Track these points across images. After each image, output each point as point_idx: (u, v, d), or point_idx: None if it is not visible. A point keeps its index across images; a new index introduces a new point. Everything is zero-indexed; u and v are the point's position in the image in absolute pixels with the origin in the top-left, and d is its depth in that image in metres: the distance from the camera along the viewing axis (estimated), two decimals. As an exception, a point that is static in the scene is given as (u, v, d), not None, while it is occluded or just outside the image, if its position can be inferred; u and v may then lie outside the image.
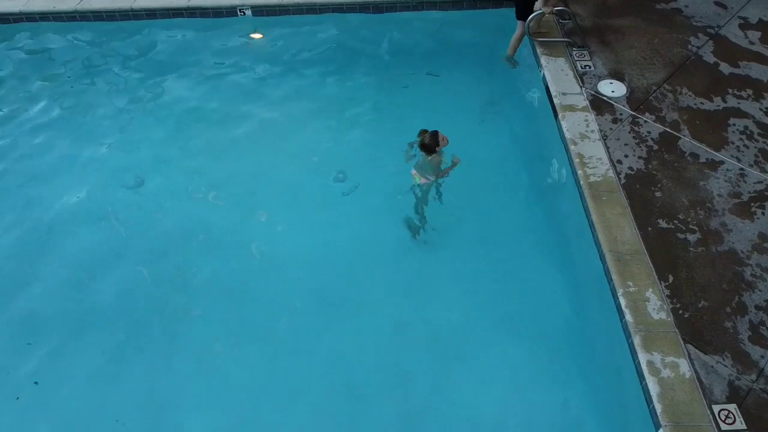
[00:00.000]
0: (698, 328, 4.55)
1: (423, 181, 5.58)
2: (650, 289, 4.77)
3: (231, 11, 7.98)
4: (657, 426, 4.13)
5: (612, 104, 6.30)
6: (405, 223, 5.85)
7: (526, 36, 7.00)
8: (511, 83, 7.32)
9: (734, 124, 6.01)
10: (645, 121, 6.10)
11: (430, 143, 5.25)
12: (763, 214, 5.25)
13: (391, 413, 4.78)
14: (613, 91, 6.42)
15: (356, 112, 7.24)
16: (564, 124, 6.10)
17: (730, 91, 6.36)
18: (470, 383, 4.96)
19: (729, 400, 4.17)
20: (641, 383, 4.40)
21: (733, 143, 5.84)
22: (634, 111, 6.21)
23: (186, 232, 6.02)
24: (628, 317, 4.61)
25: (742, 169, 5.62)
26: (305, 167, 6.61)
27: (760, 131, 5.92)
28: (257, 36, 8.07)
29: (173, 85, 7.56)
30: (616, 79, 6.56)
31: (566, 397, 4.78)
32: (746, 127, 5.97)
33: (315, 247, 5.89)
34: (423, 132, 5.48)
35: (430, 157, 5.35)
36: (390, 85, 7.52)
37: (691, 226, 5.20)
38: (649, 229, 5.19)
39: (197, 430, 4.78)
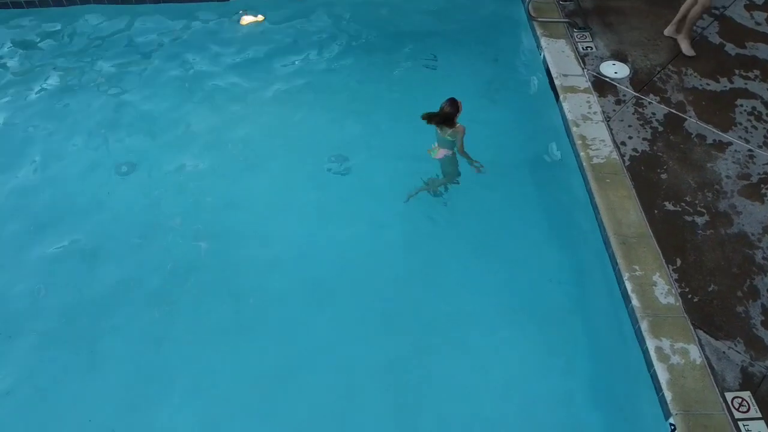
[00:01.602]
0: (708, 313, 4.34)
1: (441, 155, 5.31)
2: (657, 273, 4.56)
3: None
4: (667, 414, 3.92)
5: (615, 85, 6.09)
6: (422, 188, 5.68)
7: (526, 18, 6.79)
8: (510, 66, 7.10)
9: (741, 105, 5.81)
10: (649, 103, 5.89)
11: (451, 110, 4.95)
12: (773, 195, 5.06)
13: (387, 405, 4.55)
14: (615, 73, 6.21)
15: (351, 97, 7.00)
16: (565, 106, 5.89)
17: (736, 71, 6.15)
18: (470, 374, 4.72)
19: (742, 388, 3.96)
20: (650, 371, 4.20)
21: (740, 124, 5.63)
22: (637, 92, 6.00)
23: (179, 221, 5.77)
24: (635, 302, 4.40)
25: (750, 150, 5.41)
26: (300, 154, 6.36)
27: (768, 112, 5.72)
28: (254, 18, 7.80)
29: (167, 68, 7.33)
30: (619, 61, 6.35)
31: (570, 387, 4.55)
32: (754, 108, 5.77)
33: (312, 235, 5.65)
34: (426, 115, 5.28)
35: (450, 131, 5.08)
36: (386, 69, 7.30)
37: (698, 209, 4.99)
38: (655, 211, 4.98)
39: (186, 424, 4.53)
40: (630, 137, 5.58)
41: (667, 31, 6.59)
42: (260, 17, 7.91)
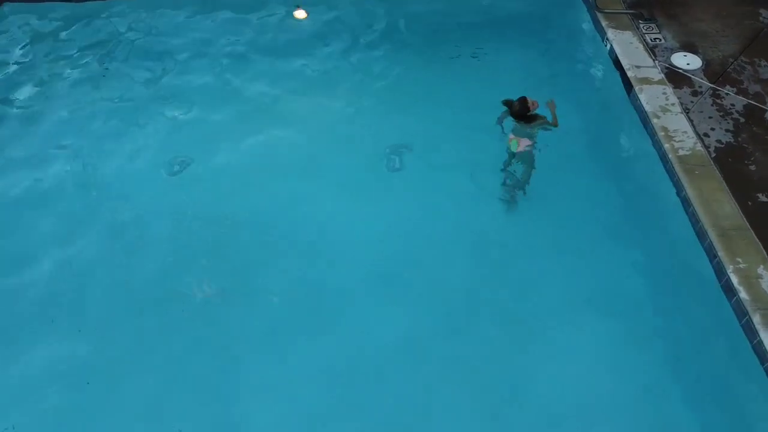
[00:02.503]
0: (818, 306, 4.27)
1: (521, 148, 5.23)
2: (761, 266, 4.48)
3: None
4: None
5: (689, 77, 6.01)
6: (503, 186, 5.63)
7: (585, 9, 6.70)
8: (570, 58, 7.00)
9: (820, 95, 5.75)
10: (726, 94, 5.81)
11: (520, 110, 4.96)
12: None
13: (463, 400, 4.43)
14: (688, 64, 6.13)
15: (396, 90, 6.89)
16: (642, 98, 5.80)
17: (811, 62, 6.10)
18: (550, 367, 4.59)
19: None
20: (763, 365, 4.12)
21: (822, 115, 5.58)
22: (713, 83, 5.92)
23: (237, 219, 5.61)
24: (743, 295, 4.32)
25: (836, 140, 5.36)
26: (355, 150, 6.23)
27: None
28: (301, 14, 7.66)
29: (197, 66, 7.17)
30: (690, 52, 6.27)
31: (664, 382, 4.43)
32: (834, 98, 5.71)
33: (373, 230, 5.53)
34: (507, 102, 5.21)
35: (528, 125, 5.05)
36: (438, 62, 7.19)
37: (792, 200, 4.92)
38: (749, 203, 4.91)
39: (262, 420, 4.40)
40: (712, 128, 5.50)
41: None
42: (304, 13, 7.76)
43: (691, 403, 4.34)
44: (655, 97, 5.80)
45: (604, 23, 6.71)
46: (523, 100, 5.03)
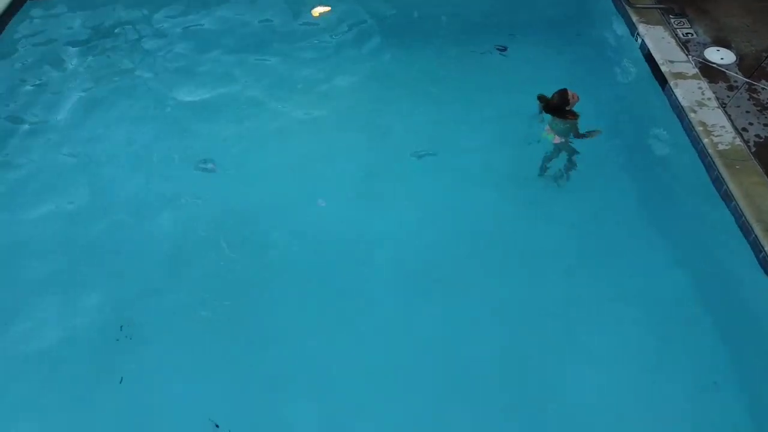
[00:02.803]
0: None
1: (558, 140, 5.21)
2: (809, 260, 4.48)
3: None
4: None
5: (723, 71, 6.00)
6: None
7: (612, 4, 6.67)
8: (600, 52, 6.97)
9: None
10: (762, 89, 5.80)
11: (559, 103, 4.89)
12: None
13: (497, 402, 4.33)
14: (722, 59, 6.12)
15: (425, 86, 6.86)
16: (678, 92, 5.79)
17: (844, 57, 6.08)
18: (585, 368, 4.48)
19: None
20: (813, 359, 4.10)
21: None
22: (748, 78, 5.90)
23: (266, 215, 5.57)
24: (794, 289, 4.30)
25: None
26: (386, 145, 6.19)
27: None
28: (324, 9, 7.63)
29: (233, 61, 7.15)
30: (723, 47, 6.26)
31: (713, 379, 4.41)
32: None
33: (404, 226, 5.48)
34: (541, 97, 5.15)
35: (561, 120, 4.98)
36: (466, 57, 7.16)
37: (835, 195, 4.91)
38: (793, 198, 4.90)
39: (300, 419, 4.34)
40: (750, 123, 5.49)
41: None
42: (328, 7, 7.73)
43: (740, 404, 4.28)
44: (691, 91, 5.78)
45: (634, 18, 6.69)
46: (563, 92, 4.91)
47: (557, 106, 4.97)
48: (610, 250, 5.25)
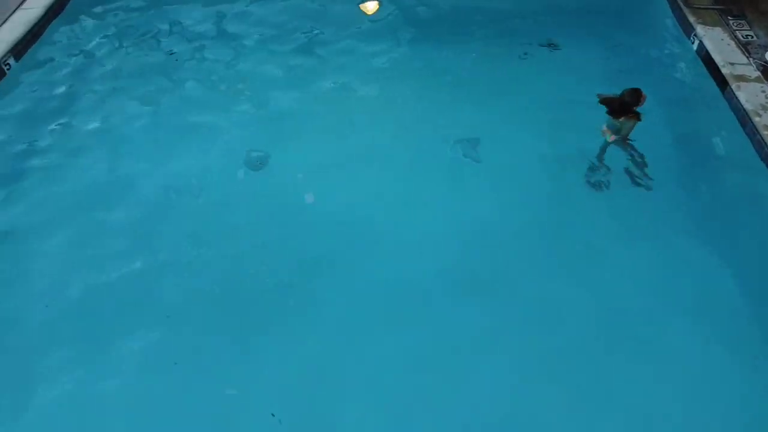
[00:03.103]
0: None
1: (612, 139, 5.11)
2: None
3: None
4: None
5: (787, 75, 5.84)
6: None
7: (666, 4, 6.53)
8: (653, 53, 6.82)
9: None
10: (828, 93, 5.64)
11: (630, 100, 4.79)
12: None
13: (553, 406, 4.19)
14: (785, 62, 5.96)
15: (468, 83, 6.75)
16: (740, 95, 5.64)
17: None
18: (644, 369, 4.34)
19: None
20: None
21: None
22: (813, 82, 5.75)
23: (307, 214, 5.48)
24: None
25: None
26: (427, 144, 6.07)
27: None
28: (374, 6, 7.55)
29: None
30: (785, 49, 6.10)
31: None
32: None
33: (449, 225, 5.35)
34: (603, 97, 5.05)
35: (622, 119, 4.87)
36: (511, 55, 7.05)
37: None
38: None
39: (351, 420, 4.25)
40: (817, 128, 5.33)
41: None
42: (377, 4, 7.65)
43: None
44: (754, 95, 5.63)
45: (691, 19, 6.54)
46: (637, 91, 4.81)
47: (628, 105, 4.85)
48: (671, 255, 5.05)
